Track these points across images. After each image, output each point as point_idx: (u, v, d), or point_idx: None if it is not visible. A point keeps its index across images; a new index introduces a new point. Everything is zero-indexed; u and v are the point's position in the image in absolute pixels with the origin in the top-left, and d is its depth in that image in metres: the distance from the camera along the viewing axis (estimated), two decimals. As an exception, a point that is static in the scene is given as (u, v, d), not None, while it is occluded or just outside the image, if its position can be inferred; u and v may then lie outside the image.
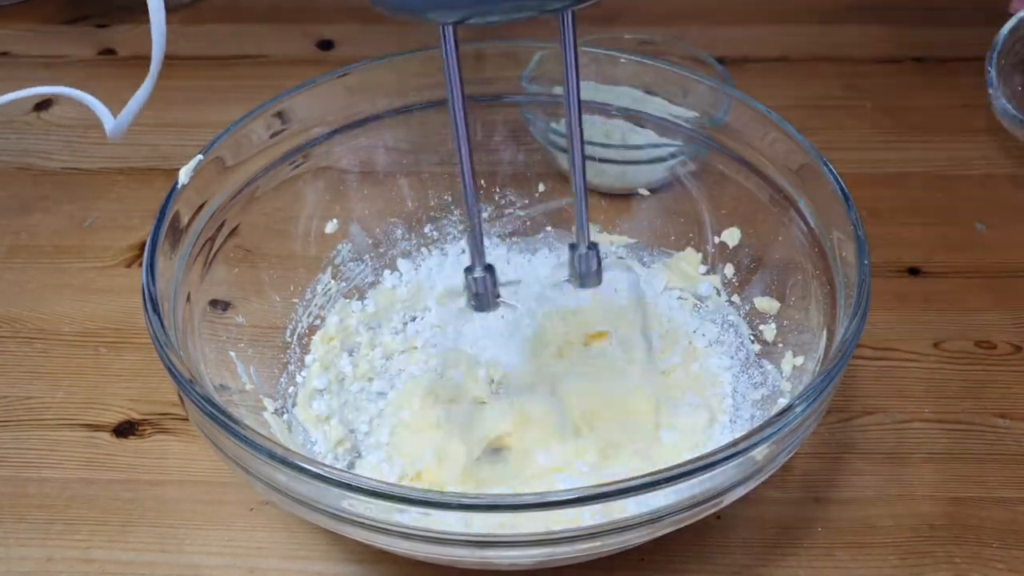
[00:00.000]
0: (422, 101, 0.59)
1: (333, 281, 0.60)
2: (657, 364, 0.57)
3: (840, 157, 0.55)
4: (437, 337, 0.59)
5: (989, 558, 0.50)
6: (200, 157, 0.52)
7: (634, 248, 0.63)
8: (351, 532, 0.42)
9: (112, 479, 0.54)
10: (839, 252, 0.49)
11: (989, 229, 0.68)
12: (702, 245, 0.60)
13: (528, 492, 0.45)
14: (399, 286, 0.62)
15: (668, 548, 0.50)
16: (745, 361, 0.56)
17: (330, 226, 0.60)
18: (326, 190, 0.60)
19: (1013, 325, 0.62)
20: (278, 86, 0.57)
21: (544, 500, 0.38)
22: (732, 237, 0.59)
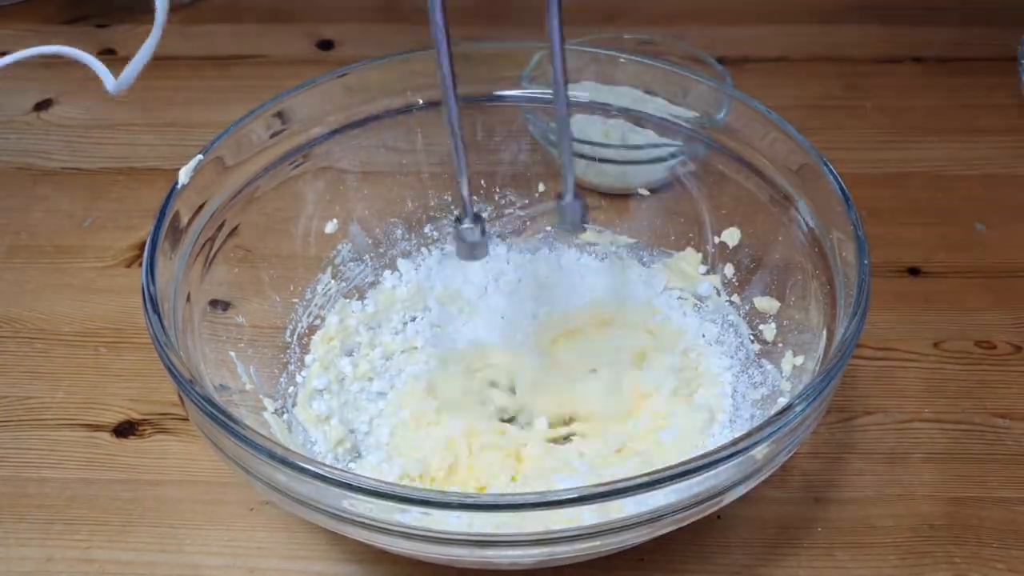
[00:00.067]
0: (422, 101, 0.59)
1: (333, 281, 0.60)
2: (657, 364, 0.56)
3: (840, 157, 0.55)
4: (437, 337, 0.59)
5: (989, 558, 0.50)
6: (200, 157, 0.52)
7: (634, 248, 0.63)
8: (351, 532, 0.42)
9: (112, 479, 0.54)
10: (839, 252, 0.49)
11: (989, 229, 0.68)
12: (702, 245, 0.60)
13: (528, 492, 0.45)
14: (399, 286, 0.62)
15: (668, 548, 0.50)
16: (745, 361, 0.56)
17: (330, 226, 0.60)
18: (326, 190, 0.60)
19: (1013, 325, 0.62)
20: (278, 86, 0.57)
21: (544, 500, 0.38)
22: (732, 237, 0.59)
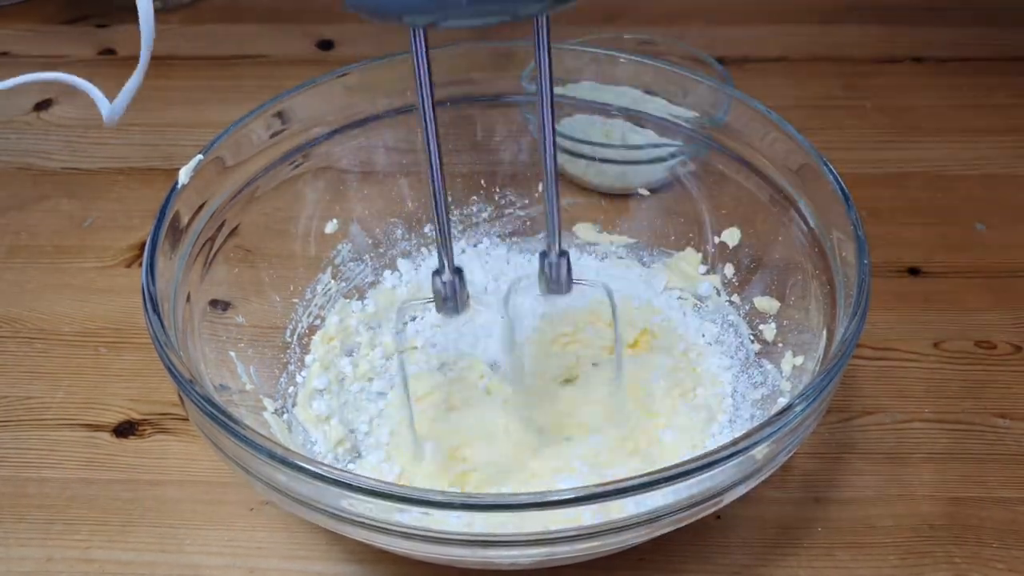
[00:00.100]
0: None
1: (333, 281, 0.60)
2: (657, 364, 0.57)
3: (840, 157, 0.55)
4: (437, 337, 0.59)
5: (989, 558, 0.50)
6: (200, 157, 0.52)
7: (634, 248, 0.63)
8: (351, 532, 0.42)
9: (112, 479, 0.54)
10: (839, 252, 0.49)
11: (989, 229, 0.68)
12: (702, 245, 0.60)
13: (528, 492, 0.45)
14: (399, 286, 0.62)
15: (667, 548, 0.50)
16: (745, 361, 0.56)
17: (330, 226, 0.60)
18: (326, 190, 0.60)
19: (1013, 325, 0.62)
20: (278, 86, 0.57)
21: (543, 500, 0.38)
22: (732, 237, 0.59)
